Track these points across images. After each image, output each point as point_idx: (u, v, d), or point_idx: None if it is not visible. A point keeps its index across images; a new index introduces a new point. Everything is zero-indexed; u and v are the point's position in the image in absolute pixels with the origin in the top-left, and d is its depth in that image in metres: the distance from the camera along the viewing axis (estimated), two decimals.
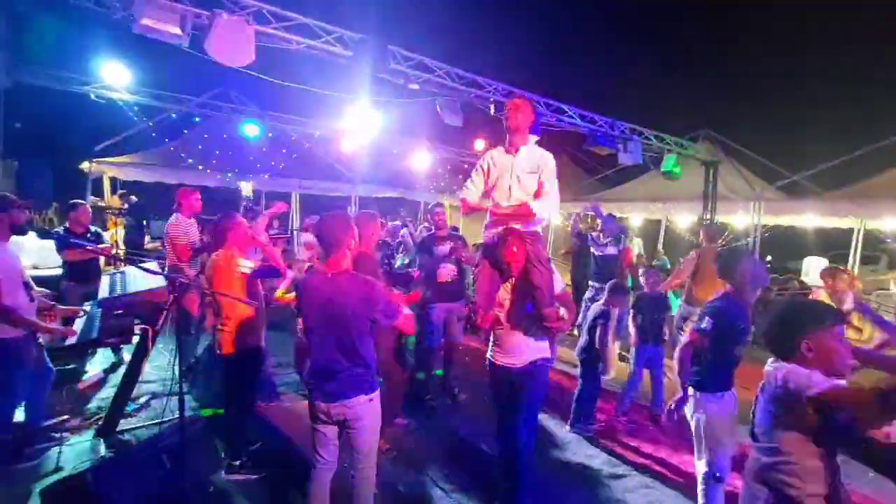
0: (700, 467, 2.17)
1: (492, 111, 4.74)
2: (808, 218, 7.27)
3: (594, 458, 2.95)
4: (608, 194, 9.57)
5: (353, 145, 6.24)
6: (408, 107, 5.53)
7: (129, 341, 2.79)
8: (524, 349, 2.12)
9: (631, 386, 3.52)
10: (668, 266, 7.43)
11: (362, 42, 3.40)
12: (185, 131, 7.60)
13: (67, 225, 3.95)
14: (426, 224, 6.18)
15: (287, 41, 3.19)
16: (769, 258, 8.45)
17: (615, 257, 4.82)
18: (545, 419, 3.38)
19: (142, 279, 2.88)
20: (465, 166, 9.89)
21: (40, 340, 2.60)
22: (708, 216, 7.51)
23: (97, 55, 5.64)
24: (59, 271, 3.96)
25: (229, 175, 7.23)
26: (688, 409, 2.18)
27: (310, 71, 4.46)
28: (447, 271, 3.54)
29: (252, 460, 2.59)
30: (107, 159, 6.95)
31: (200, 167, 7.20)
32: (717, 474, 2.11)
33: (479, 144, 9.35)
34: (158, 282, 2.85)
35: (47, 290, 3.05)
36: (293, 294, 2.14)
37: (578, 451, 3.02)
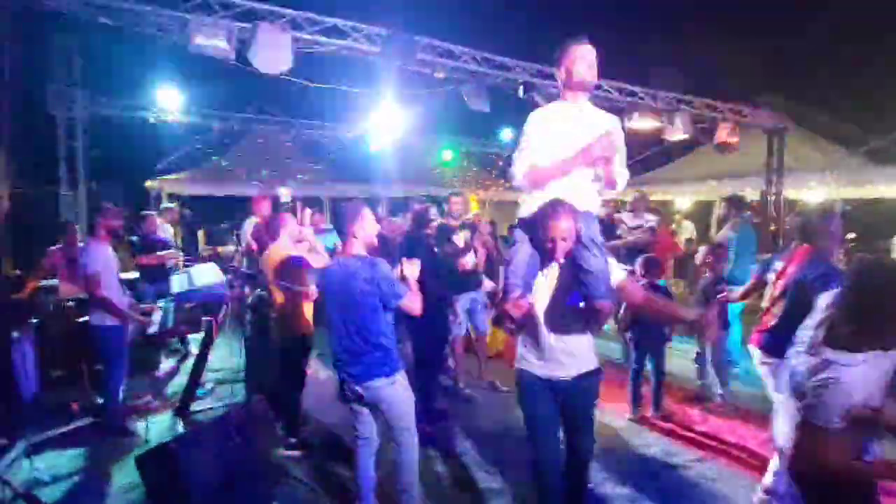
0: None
1: (520, 93, 4.57)
2: None
3: (650, 446, 2.83)
4: (651, 177, 8.86)
5: (380, 145, 6.38)
6: (432, 102, 5.55)
7: (198, 330, 3.11)
8: (574, 356, 1.67)
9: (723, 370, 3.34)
10: None
11: (389, 37, 3.49)
12: (236, 148, 8.28)
13: (141, 233, 4.47)
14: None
15: (320, 44, 3.37)
16: (851, 236, 7.29)
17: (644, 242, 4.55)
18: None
19: (206, 277, 3.19)
20: (492, 156, 9.74)
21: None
22: (774, 191, 6.74)
23: (153, 83, 6.38)
24: (136, 275, 4.48)
25: (259, 183, 7.75)
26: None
27: (337, 75, 4.66)
28: (468, 260, 3.50)
29: (306, 439, 2.78)
30: (165, 177, 7.80)
31: (252, 180, 7.86)
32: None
33: (507, 134, 9.18)
34: (219, 279, 3.15)
35: (128, 291, 3.48)
36: None
37: (633, 439, 2.91)
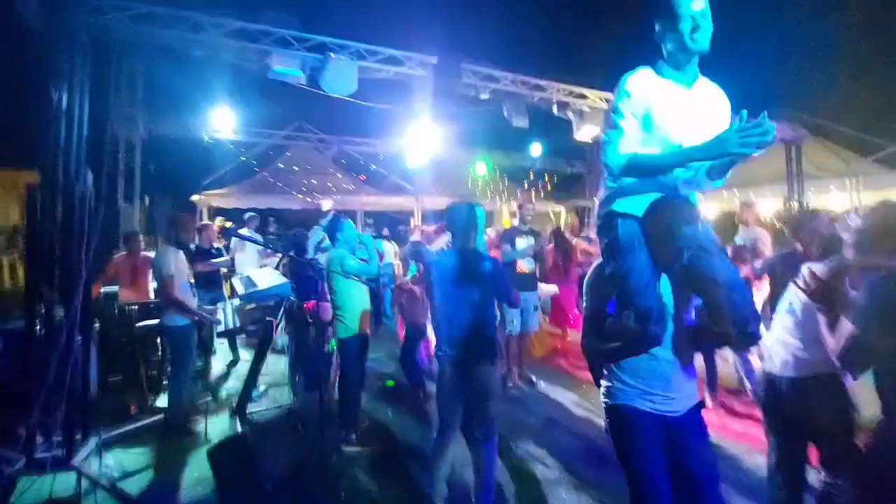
0: None
1: (554, 111, 4.96)
2: None
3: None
4: None
5: (418, 161, 6.68)
6: (467, 118, 5.89)
7: (262, 330, 3.32)
8: (686, 386, 1.33)
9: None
10: None
11: (438, 64, 3.90)
12: (278, 162, 8.68)
13: (198, 242, 4.79)
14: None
15: (378, 71, 3.79)
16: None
17: None
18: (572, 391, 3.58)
19: (266, 280, 3.43)
20: (523, 169, 10.09)
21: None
22: (795, 199, 6.88)
23: (208, 104, 6.75)
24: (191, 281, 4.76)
25: (309, 198, 8.15)
26: None
27: (378, 95, 5.00)
28: (525, 262, 3.81)
29: (365, 436, 2.93)
30: (211, 192, 8.24)
31: (294, 192, 8.27)
32: None
33: (536, 149, 9.55)
34: (280, 281, 3.39)
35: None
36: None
37: None
